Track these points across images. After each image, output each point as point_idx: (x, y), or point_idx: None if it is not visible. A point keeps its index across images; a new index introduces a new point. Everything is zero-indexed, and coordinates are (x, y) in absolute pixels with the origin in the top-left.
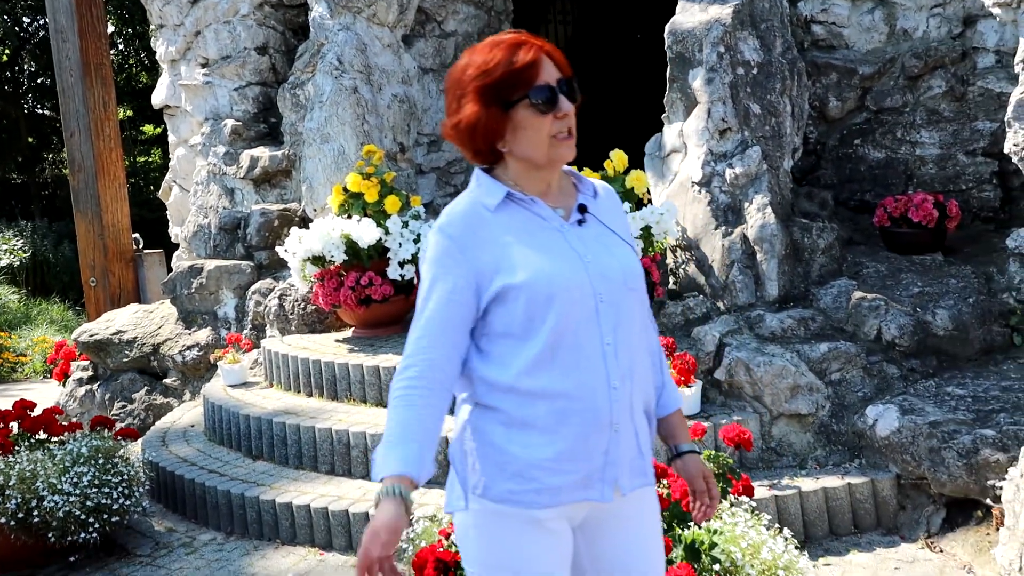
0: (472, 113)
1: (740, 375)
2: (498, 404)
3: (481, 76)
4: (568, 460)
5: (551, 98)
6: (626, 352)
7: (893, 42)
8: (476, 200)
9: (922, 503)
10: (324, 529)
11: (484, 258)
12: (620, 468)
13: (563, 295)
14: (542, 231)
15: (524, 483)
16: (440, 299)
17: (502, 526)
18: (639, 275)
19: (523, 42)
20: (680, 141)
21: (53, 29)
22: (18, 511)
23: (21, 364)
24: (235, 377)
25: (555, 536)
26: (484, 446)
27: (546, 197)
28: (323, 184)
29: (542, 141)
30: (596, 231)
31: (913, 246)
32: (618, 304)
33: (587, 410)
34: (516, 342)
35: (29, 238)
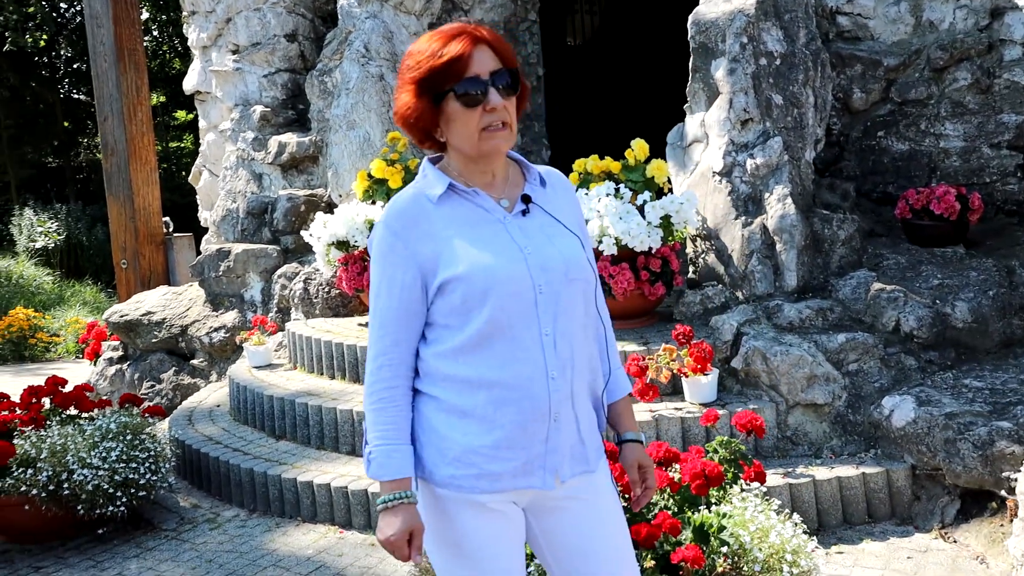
0: (405, 104)
1: (757, 364)
2: (438, 392)
3: (414, 68)
4: (506, 448)
5: (479, 91)
6: (566, 342)
7: (919, 34)
8: (420, 192)
9: (937, 494)
10: (344, 508)
11: (425, 252)
12: (560, 456)
13: (499, 288)
14: (483, 223)
15: (464, 468)
16: (391, 294)
17: (447, 508)
18: (582, 265)
19: (458, 33)
20: (702, 131)
21: (88, 15)
22: (49, 483)
23: (54, 344)
24: (260, 359)
25: (501, 517)
26: (427, 432)
27: (491, 188)
28: (348, 170)
29: (471, 134)
30: (540, 221)
31: (934, 238)
32: (558, 295)
33: (524, 399)
34: (455, 332)
35: (64, 221)
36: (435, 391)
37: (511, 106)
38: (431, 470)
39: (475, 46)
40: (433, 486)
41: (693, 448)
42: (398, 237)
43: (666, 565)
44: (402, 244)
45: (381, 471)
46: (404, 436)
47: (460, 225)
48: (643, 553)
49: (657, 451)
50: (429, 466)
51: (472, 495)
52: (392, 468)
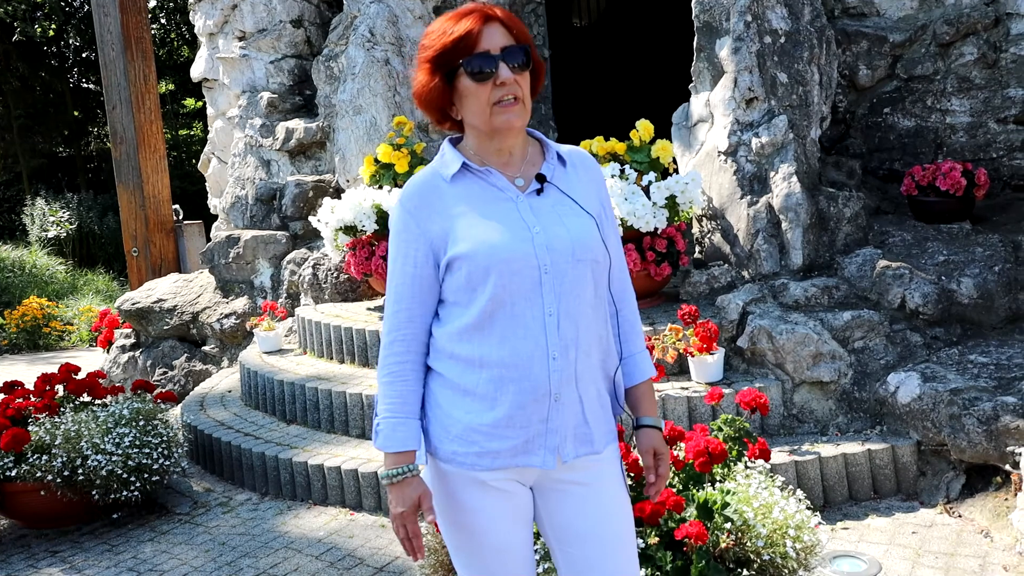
0: (420, 82)
1: (763, 343)
2: (444, 369)
3: (428, 47)
4: (506, 427)
5: (487, 66)
6: (570, 322)
7: (925, 9)
8: (435, 171)
9: (942, 469)
10: (354, 490)
11: (435, 229)
12: (562, 436)
13: (502, 266)
14: (495, 201)
15: (466, 446)
16: (405, 271)
17: (451, 484)
18: (591, 245)
19: (470, 12)
20: (707, 111)
21: (95, 4)
22: (64, 469)
23: (68, 333)
24: (270, 344)
25: (505, 495)
26: (433, 407)
27: (507, 166)
28: (355, 155)
29: (483, 108)
30: (553, 200)
31: (941, 215)
32: (564, 275)
33: (523, 379)
34: (461, 310)
35: (75, 210)
36: (442, 368)
37: (523, 81)
38: (436, 445)
39: (485, 23)
40: (438, 461)
41: (698, 427)
42: (411, 215)
43: (670, 541)
44: (415, 222)
45: (386, 443)
46: (410, 410)
47: (471, 203)
48: (647, 530)
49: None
50: (434, 441)
51: (473, 472)
52: (396, 440)
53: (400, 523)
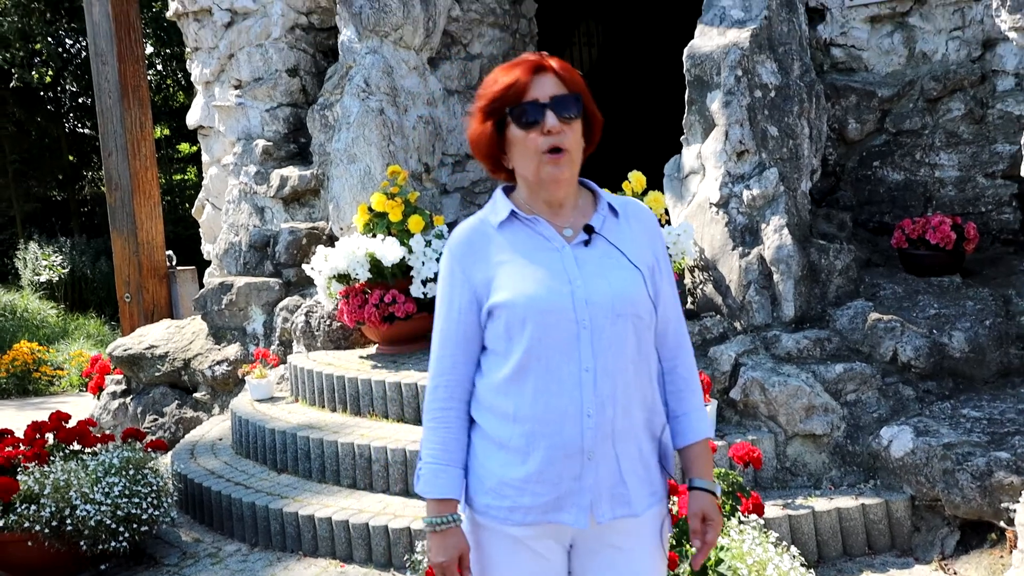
0: (473, 130)
1: (755, 395)
2: (482, 420)
3: (481, 96)
4: (536, 482)
5: (534, 114)
6: (607, 379)
7: (912, 65)
8: (484, 218)
9: (936, 525)
10: (345, 541)
11: (479, 276)
12: (596, 495)
13: (538, 318)
14: (540, 251)
15: (498, 499)
16: (450, 317)
17: (485, 537)
18: (634, 300)
19: (523, 62)
20: (698, 163)
21: (93, 53)
22: (52, 519)
23: (58, 378)
24: (262, 392)
25: (536, 556)
26: (471, 459)
27: (557, 216)
28: (349, 203)
29: (531, 157)
30: (601, 252)
31: (931, 268)
32: (602, 330)
33: (555, 435)
34: (499, 359)
35: (68, 254)
36: (480, 419)
37: (571, 131)
38: (472, 496)
39: (536, 73)
40: (474, 513)
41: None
42: (457, 261)
43: None
44: (460, 268)
45: (427, 488)
46: (452, 457)
47: (516, 251)
48: None
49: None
50: (471, 492)
51: (505, 526)
52: (437, 487)
53: (440, 572)
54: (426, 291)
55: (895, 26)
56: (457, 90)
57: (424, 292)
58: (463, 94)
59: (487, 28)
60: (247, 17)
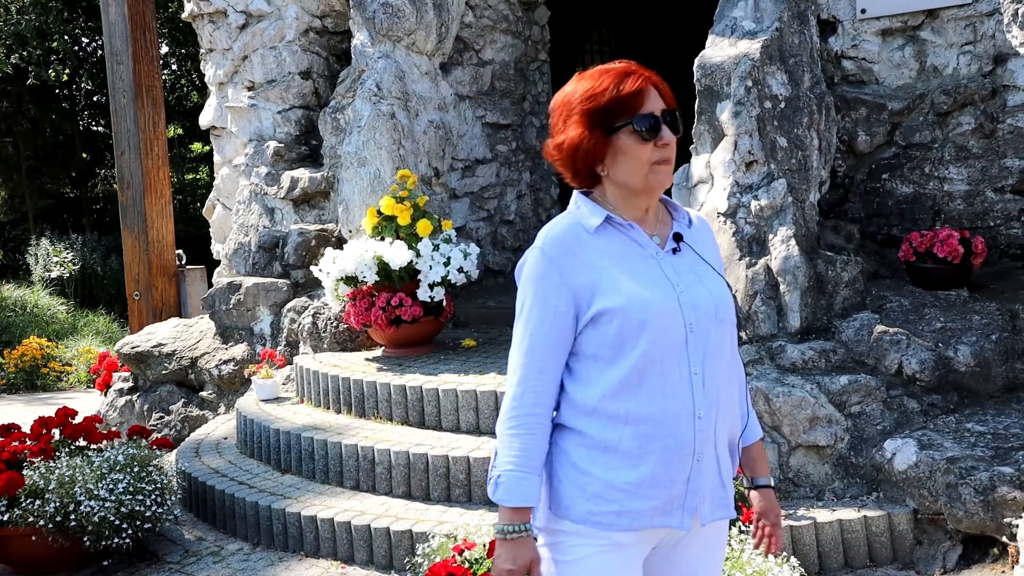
0: (576, 135)
1: (759, 405)
2: (582, 426)
3: (588, 100)
4: (649, 486)
5: (654, 126)
6: (713, 382)
7: (923, 78)
8: (576, 221)
9: (938, 538)
10: (346, 543)
11: (581, 280)
12: (701, 497)
13: (655, 322)
14: (638, 257)
15: (604, 504)
16: (542, 321)
17: (575, 546)
18: (730, 307)
19: (632, 72)
20: (707, 172)
21: (108, 52)
22: (56, 514)
23: (66, 374)
24: (268, 392)
25: (631, 560)
26: (567, 467)
27: (643, 223)
28: (359, 206)
29: (641, 167)
30: (690, 260)
31: (938, 281)
32: (707, 334)
33: (670, 436)
34: (604, 364)
35: (79, 251)
36: (579, 425)
37: (674, 144)
38: (568, 505)
39: (648, 85)
40: (569, 523)
41: None
42: (553, 264)
43: None
44: (556, 271)
45: (508, 496)
46: (535, 465)
47: (615, 257)
48: None
49: None
50: (567, 501)
51: (610, 532)
52: (519, 495)
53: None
54: (433, 295)
55: (906, 39)
56: (468, 95)
57: (431, 296)
58: (474, 99)
59: (499, 34)
60: (261, 19)
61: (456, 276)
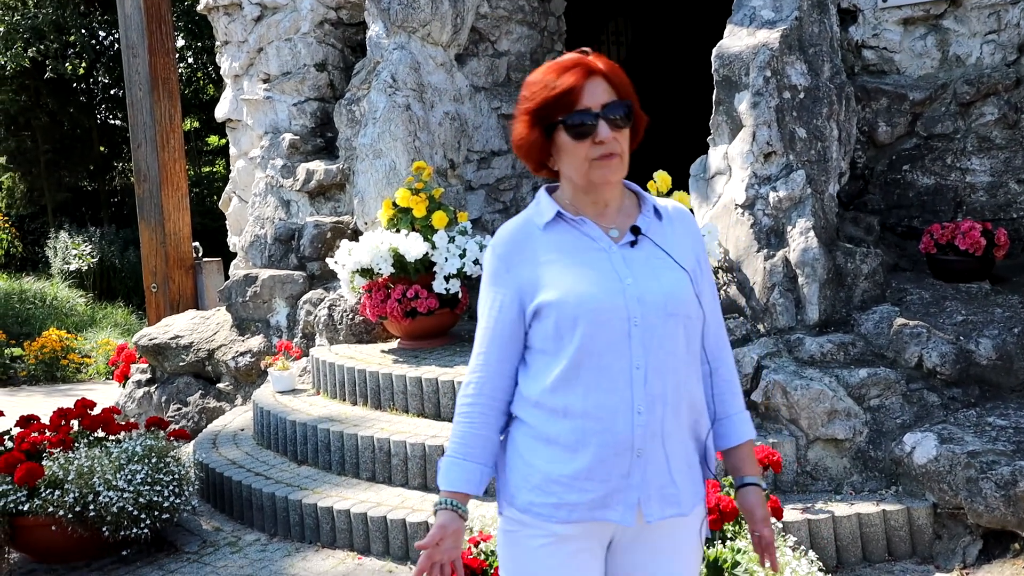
0: (519, 134)
1: (777, 398)
2: (528, 417)
3: (529, 99)
4: (585, 479)
5: (587, 124)
6: (658, 377)
7: (945, 68)
8: (529, 218)
9: (958, 533)
10: (363, 534)
11: (525, 275)
12: (646, 494)
13: (590, 316)
14: (587, 251)
15: (544, 496)
16: (490, 316)
17: (525, 536)
18: (684, 300)
19: (573, 65)
20: (725, 163)
21: (125, 45)
22: (75, 505)
23: (85, 365)
24: (284, 384)
25: (578, 554)
26: (515, 457)
27: (602, 217)
28: (374, 198)
29: (580, 164)
30: (647, 253)
31: (959, 274)
32: (654, 329)
33: (605, 431)
34: (549, 358)
35: (97, 244)
36: (525, 415)
37: (623, 137)
38: (513, 494)
39: (588, 78)
40: (515, 511)
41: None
42: (501, 260)
43: None
44: (504, 267)
45: (442, 479)
46: (472, 453)
47: (562, 252)
48: None
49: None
50: (512, 490)
51: (549, 523)
52: (450, 480)
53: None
54: (448, 287)
55: (929, 28)
56: (484, 87)
57: (447, 288)
58: (490, 91)
59: (515, 25)
60: (276, 11)
61: (472, 268)
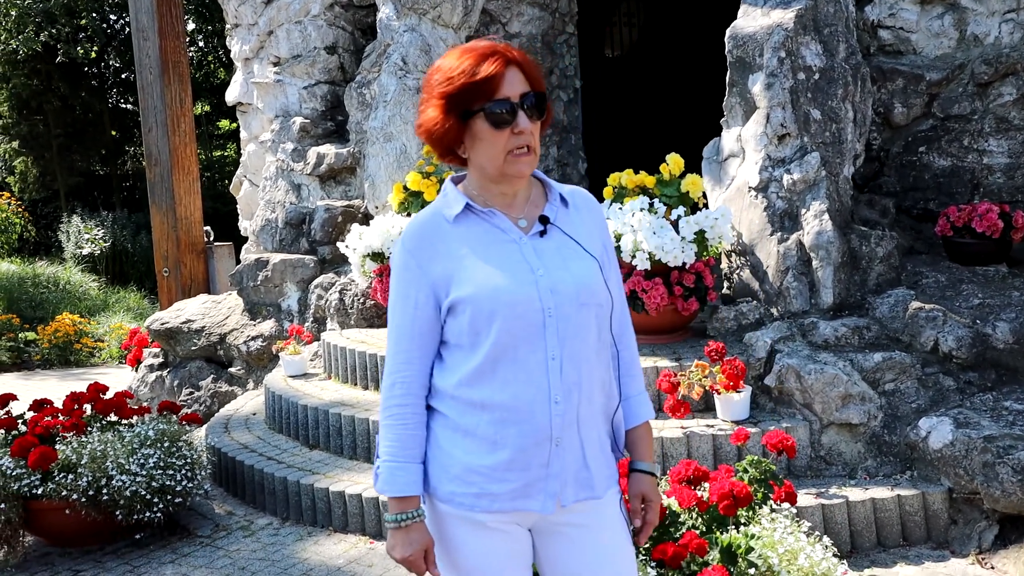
0: (432, 118)
1: (790, 382)
2: (445, 409)
3: (444, 83)
4: (505, 470)
5: (508, 113)
6: (573, 366)
7: (963, 48)
8: (438, 211)
9: (974, 518)
10: (374, 518)
11: (438, 271)
12: (562, 481)
13: (506, 310)
14: (498, 243)
15: (464, 486)
16: (404, 314)
17: (449, 524)
18: (595, 289)
19: (491, 53)
20: (738, 146)
21: (135, 28)
22: (88, 488)
23: (99, 349)
24: (295, 368)
25: (503, 537)
26: (433, 447)
27: (510, 208)
28: (385, 182)
29: (497, 155)
30: (557, 243)
31: (976, 257)
32: (568, 318)
33: (526, 422)
34: (465, 353)
35: (109, 228)
36: (443, 408)
37: (536, 130)
38: (435, 485)
39: (507, 67)
40: (437, 501)
41: (723, 467)
42: (412, 256)
43: None
44: (416, 263)
45: (387, 486)
46: (411, 454)
47: (474, 245)
48: (669, 573)
49: (686, 469)
50: (433, 481)
51: (471, 513)
52: (397, 485)
53: (409, 567)
54: None
55: (946, 8)
56: None
57: None
58: None
59: (526, 7)
60: None
61: None
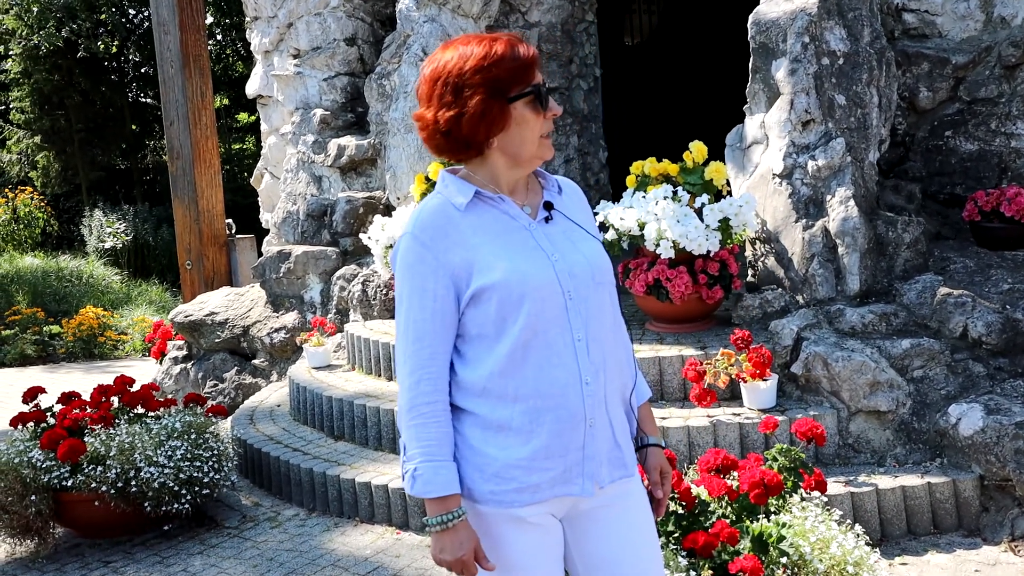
0: (478, 104)
1: (818, 370)
2: (474, 407)
3: (487, 69)
4: (544, 458)
5: (544, 96)
6: (597, 347)
7: (989, 30)
8: (445, 200)
9: (1006, 505)
10: (401, 509)
11: (456, 260)
12: (598, 462)
13: (534, 293)
14: (511, 230)
15: (503, 483)
16: (424, 308)
17: (488, 525)
18: (606, 269)
19: (518, 40)
20: (762, 132)
21: (156, 22)
22: (117, 480)
23: (122, 342)
24: (319, 360)
25: (540, 531)
26: (464, 449)
27: (515, 195)
28: (406, 173)
29: (534, 139)
30: (563, 227)
31: (1005, 241)
32: (587, 299)
33: (560, 407)
34: (490, 342)
35: (131, 222)
36: (470, 406)
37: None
38: (470, 487)
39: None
40: (473, 503)
41: (752, 456)
42: (427, 248)
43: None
44: (431, 255)
45: (429, 488)
46: (448, 452)
47: (488, 232)
48: (700, 562)
49: (715, 458)
50: (468, 483)
51: (512, 509)
52: (439, 484)
53: (461, 569)
54: None
55: None
56: None
57: None
58: None
59: None
60: None
61: None
